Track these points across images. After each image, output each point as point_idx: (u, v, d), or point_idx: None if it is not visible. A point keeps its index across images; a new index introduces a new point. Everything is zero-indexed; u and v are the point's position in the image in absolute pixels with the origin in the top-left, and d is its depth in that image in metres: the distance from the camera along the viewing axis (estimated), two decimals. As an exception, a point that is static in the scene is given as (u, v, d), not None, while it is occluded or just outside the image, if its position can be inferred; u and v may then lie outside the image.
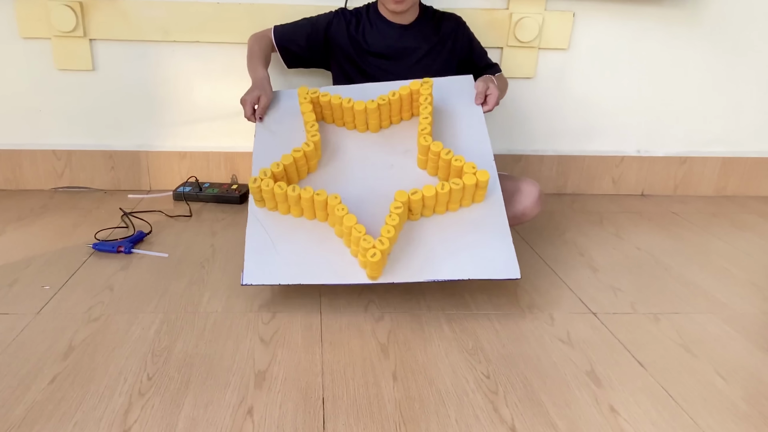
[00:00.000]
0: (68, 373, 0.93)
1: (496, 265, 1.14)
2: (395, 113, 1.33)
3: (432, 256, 1.14)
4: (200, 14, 1.68)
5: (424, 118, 1.25)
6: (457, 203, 1.19)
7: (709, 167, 1.99)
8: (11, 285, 1.21)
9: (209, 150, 1.83)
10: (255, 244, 1.17)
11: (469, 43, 1.55)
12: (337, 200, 1.12)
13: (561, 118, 1.90)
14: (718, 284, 1.33)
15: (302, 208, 1.18)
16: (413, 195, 1.13)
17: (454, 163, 1.17)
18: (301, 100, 1.31)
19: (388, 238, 1.07)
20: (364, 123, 1.32)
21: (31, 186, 1.83)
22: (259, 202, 1.21)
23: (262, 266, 1.14)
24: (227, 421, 0.83)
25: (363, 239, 1.06)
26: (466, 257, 1.14)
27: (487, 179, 1.16)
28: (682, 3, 1.80)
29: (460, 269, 1.13)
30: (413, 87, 1.28)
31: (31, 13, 1.65)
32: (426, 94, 1.28)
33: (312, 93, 1.31)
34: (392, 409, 0.87)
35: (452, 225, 1.18)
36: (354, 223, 1.08)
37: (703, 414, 0.89)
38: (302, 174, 1.25)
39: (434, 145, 1.19)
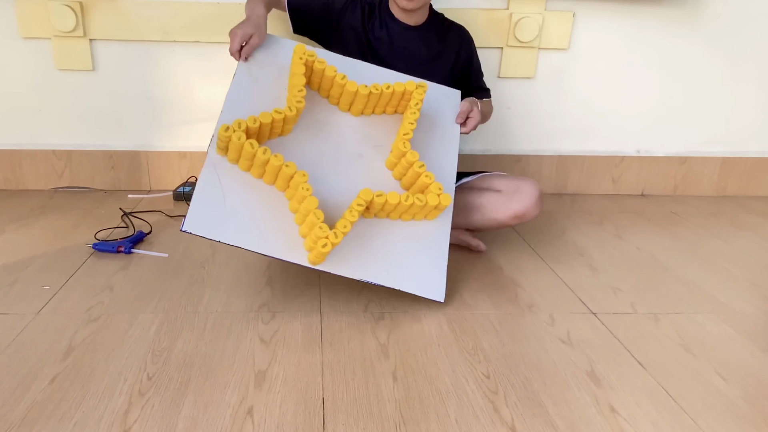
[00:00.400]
0: (68, 373, 0.93)
1: (426, 283, 1.17)
2: (381, 105, 1.30)
3: (371, 257, 1.16)
4: (200, 14, 1.68)
5: (410, 123, 1.24)
6: (410, 216, 1.21)
7: (709, 167, 1.99)
8: (11, 285, 1.21)
9: (209, 150, 1.83)
10: (205, 192, 1.11)
11: (469, 59, 1.53)
12: (304, 178, 1.09)
13: (561, 118, 1.90)
14: (718, 284, 1.33)
15: (264, 172, 1.14)
16: (378, 197, 1.13)
17: (423, 178, 1.18)
18: (295, 59, 1.21)
19: (343, 233, 1.07)
20: (348, 104, 1.29)
21: (31, 186, 1.83)
22: (221, 151, 1.15)
23: (207, 217, 1.08)
24: (227, 421, 0.83)
25: (319, 227, 1.05)
26: (401, 268, 1.17)
27: (448, 204, 1.18)
28: (682, 3, 1.80)
29: (392, 278, 1.15)
30: (408, 87, 1.27)
31: (31, 13, 1.65)
32: (418, 99, 1.27)
33: (309, 55, 1.22)
34: (392, 409, 0.87)
35: (399, 234, 1.20)
36: (314, 207, 1.07)
37: (703, 414, 0.89)
38: (273, 135, 1.20)
39: (411, 154, 1.19)
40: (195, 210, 1.08)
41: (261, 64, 1.28)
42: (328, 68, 1.23)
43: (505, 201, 1.36)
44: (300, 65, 1.21)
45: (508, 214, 1.35)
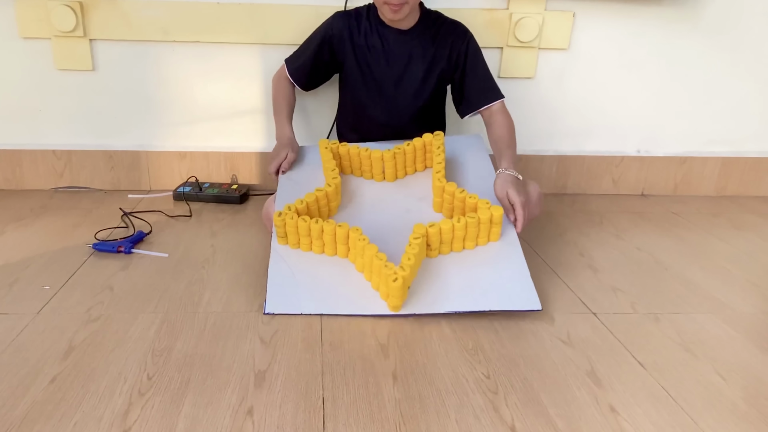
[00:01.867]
0: (68, 373, 0.93)
1: (517, 297, 1.15)
2: (410, 163, 1.43)
3: (451, 289, 1.15)
4: (200, 14, 1.68)
5: (438, 163, 1.33)
6: (473, 240, 1.22)
7: (709, 167, 1.99)
8: (11, 285, 1.21)
9: (209, 150, 1.84)
10: (277, 277, 1.18)
11: (463, 58, 1.48)
12: (358, 232, 1.16)
13: (561, 118, 1.90)
14: (718, 284, 1.33)
15: (324, 243, 1.21)
16: (431, 227, 1.17)
17: (468, 200, 1.23)
18: (321, 149, 1.41)
19: (409, 265, 1.09)
20: (381, 172, 1.41)
21: (31, 186, 1.83)
22: (281, 239, 1.24)
23: (284, 297, 1.14)
24: (227, 421, 0.83)
25: (385, 266, 1.09)
26: (485, 290, 1.16)
27: (501, 214, 1.20)
28: (682, 3, 1.80)
29: (480, 301, 1.13)
30: (426, 139, 1.40)
31: (31, 13, 1.65)
32: (438, 144, 1.38)
33: (332, 143, 1.42)
34: (392, 409, 0.87)
35: (468, 261, 1.21)
36: (375, 252, 1.11)
37: (703, 414, 0.89)
38: (323, 215, 1.29)
39: (449, 186, 1.26)
40: (272, 293, 1.15)
41: (296, 170, 1.45)
42: (351, 148, 1.41)
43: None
44: (327, 152, 1.40)
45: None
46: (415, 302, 1.13)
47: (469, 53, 1.49)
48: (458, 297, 1.14)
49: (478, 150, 1.48)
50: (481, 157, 1.46)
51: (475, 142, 1.52)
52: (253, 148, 1.84)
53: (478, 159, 1.46)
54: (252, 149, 1.84)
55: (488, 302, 1.13)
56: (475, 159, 1.46)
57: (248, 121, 1.82)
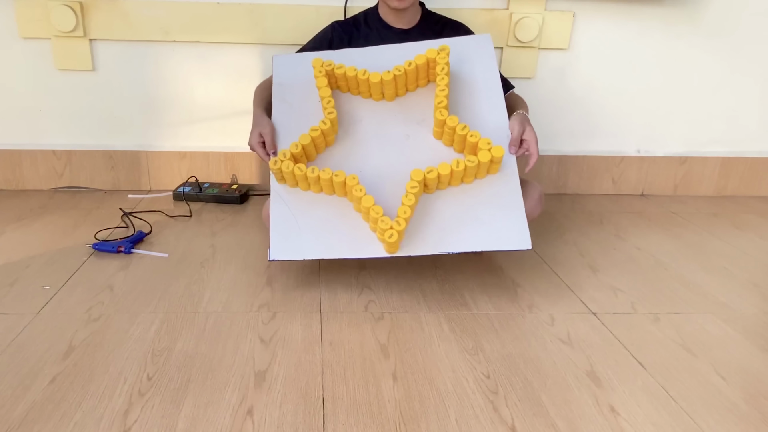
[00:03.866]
0: (68, 373, 0.93)
1: (509, 236, 1.17)
2: (411, 82, 1.31)
3: (446, 229, 1.17)
4: (200, 14, 1.68)
5: (441, 90, 1.23)
6: (471, 177, 1.21)
7: (709, 167, 1.99)
8: (11, 285, 1.21)
9: (209, 150, 1.84)
10: (279, 220, 1.19)
11: None
12: (354, 181, 1.15)
13: (561, 118, 1.90)
14: (718, 284, 1.33)
15: (321, 187, 1.21)
16: (429, 173, 1.15)
17: (469, 138, 1.18)
18: (315, 73, 1.28)
19: (405, 219, 1.10)
20: (380, 93, 1.31)
21: (31, 186, 1.83)
22: (280, 180, 1.23)
23: (286, 242, 1.17)
24: (227, 421, 0.83)
25: (381, 220, 1.10)
26: (478, 229, 1.17)
27: (502, 155, 1.17)
28: (683, 3, 1.80)
29: (473, 241, 1.15)
30: (430, 55, 1.25)
31: (31, 13, 1.65)
32: (443, 63, 1.25)
33: (327, 65, 1.28)
34: (392, 409, 0.87)
35: (466, 197, 1.20)
36: (371, 205, 1.11)
37: (703, 414, 0.89)
38: (320, 149, 1.26)
39: (450, 120, 1.19)
40: (275, 239, 1.17)
41: (290, 87, 1.34)
42: (348, 69, 1.27)
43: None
44: (322, 78, 1.27)
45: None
46: (415, 243, 1.15)
47: None
48: (453, 237, 1.16)
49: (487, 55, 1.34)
50: (489, 67, 1.33)
51: (484, 43, 1.36)
52: (253, 148, 1.84)
53: (484, 68, 1.33)
54: (252, 149, 1.84)
55: (482, 242, 1.16)
56: (480, 68, 1.33)
57: (248, 121, 1.80)
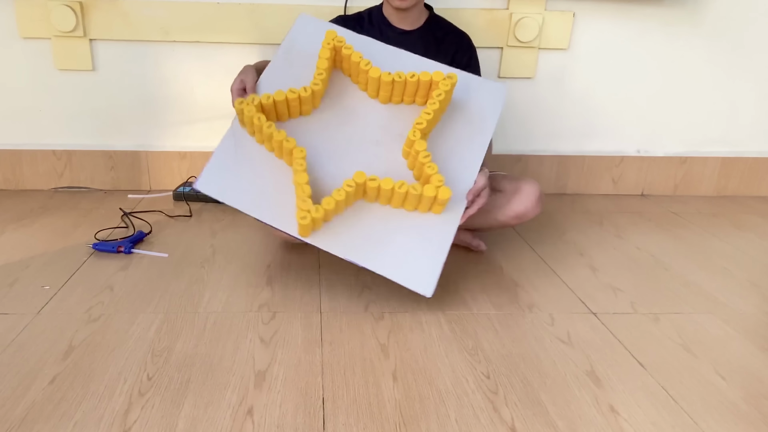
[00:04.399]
0: (68, 373, 0.93)
1: (416, 276, 1.13)
2: (409, 94, 1.27)
3: (365, 241, 1.15)
4: (200, 14, 1.68)
5: (427, 113, 1.21)
6: (412, 206, 1.18)
7: (709, 167, 1.99)
8: (11, 285, 1.21)
9: (209, 150, 1.82)
10: (220, 157, 1.19)
11: (466, 66, 1.43)
12: (301, 154, 1.13)
13: (561, 118, 1.90)
14: (718, 284, 1.33)
15: (273, 147, 1.19)
16: (371, 181, 1.13)
17: (426, 169, 1.16)
18: (324, 43, 1.25)
19: (325, 210, 1.09)
20: (376, 91, 1.27)
21: (31, 186, 1.83)
22: (241, 124, 1.22)
23: (218, 180, 1.16)
24: (227, 421, 0.83)
25: (303, 200, 1.09)
26: (392, 256, 1.14)
27: (447, 198, 1.14)
28: (683, 3, 1.80)
29: (380, 264, 1.13)
30: (435, 77, 1.22)
31: (31, 13, 1.65)
32: (442, 90, 1.21)
33: (338, 40, 1.24)
34: (392, 409, 0.87)
35: (399, 222, 1.18)
36: (304, 182, 1.09)
37: (703, 414, 0.89)
38: (293, 114, 1.24)
39: (419, 144, 1.17)
40: (209, 172, 1.17)
41: (301, 47, 1.31)
42: (354, 54, 1.23)
43: (505, 201, 1.36)
44: (327, 50, 1.23)
45: (509, 214, 1.35)
46: (327, 237, 1.13)
47: (471, 64, 1.47)
48: (366, 251, 1.14)
49: (494, 105, 1.30)
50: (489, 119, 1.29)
51: (497, 94, 1.31)
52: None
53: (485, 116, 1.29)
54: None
55: (388, 267, 1.13)
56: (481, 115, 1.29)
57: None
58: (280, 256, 1.40)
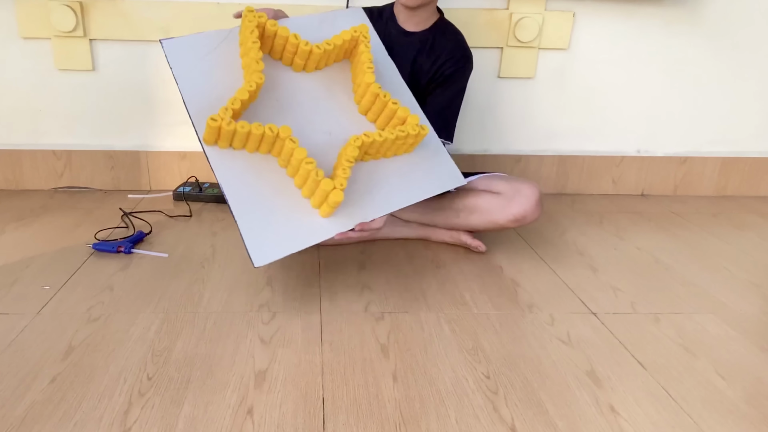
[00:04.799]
0: (68, 373, 0.93)
1: (444, 179, 1.25)
2: (333, 58, 1.26)
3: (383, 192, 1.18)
4: (200, 14, 1.68)
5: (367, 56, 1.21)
6: (393, 153, 1.23)
7: (709, 167, 1.99)
8: (11, 285, 1.21)
9: (209, 150, 1.83)
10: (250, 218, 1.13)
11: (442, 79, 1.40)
12: (287, 132, 1.09)
13: (561, 118, 1.90)
14: (718, 284, 1.33)
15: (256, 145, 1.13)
16: (366, 137, 1.13)
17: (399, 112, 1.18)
18: (245, 23, 1.15)
19: (345, 177, 1.07)
20: (303, 64, 1.23)
21: (31, 186, 1.83)
22: (208, 141, 1.12)
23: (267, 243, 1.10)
24: (227, 421, 0.83)
25: (316, 172, 1.06)
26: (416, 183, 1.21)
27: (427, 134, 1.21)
28: (682, 3, 1.80)
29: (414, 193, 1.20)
30: (354, 34, 1.23)
31: (31, 13, 1.65)
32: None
33: (260, 17, 1.15)
34: (392, 409, 0.87)
35: (388, 166, 1.22)
36: (304, 156, 1.07)
37: (703, 414, 0.89)
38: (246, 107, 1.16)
39: (375, 86, 1.19)
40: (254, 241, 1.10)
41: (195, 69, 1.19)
42: (281, 29, 1.17)
43: (504, 204, 1.36)
44: (255, 31, 1.14)
45: (508, 217, 1.35)
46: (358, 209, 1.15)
47: (453, 78, 1.41)
48: (393, 196, 1.19)
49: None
50: (379, 50, 1.31)
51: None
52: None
53: (378, 55, 1.30)
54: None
55: (422, 192, 1.21)
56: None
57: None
58: (280, 256, 1.40)
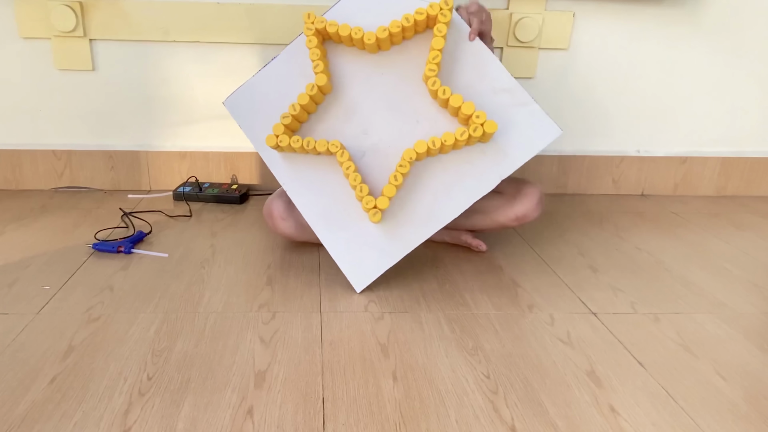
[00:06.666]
0: (68, 373, 0.93)
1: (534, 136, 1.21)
2: (408, 34, 1.20)
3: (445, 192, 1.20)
4: (200, 14, 1.68)
5: (433, 58, 1.14)
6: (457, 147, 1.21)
7: (709, 167, 1.99)
8: (11, 285, 1.21)
9: (209, 150, 1.84)
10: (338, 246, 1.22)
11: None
12: (345, 157, 1.16)
13: (561, 118, 1.90)
14: (718, 284, 1.33)
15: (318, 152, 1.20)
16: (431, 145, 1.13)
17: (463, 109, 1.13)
18: (304, 30, 1.17)
19: (389, 198, 1.13)
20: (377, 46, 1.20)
21: (31, 186, 1.83)
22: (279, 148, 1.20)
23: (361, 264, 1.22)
24: (227, 421, 0.83)
25: (365, 200, 1.13)
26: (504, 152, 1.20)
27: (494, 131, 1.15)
28: (682, 3, 1.80)
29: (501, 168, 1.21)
30: (431, 12, 1.14)
31: (31, 13, 1.65)
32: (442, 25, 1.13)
33: (318, 22, 1.16)
34: (392, 409, 0.87)
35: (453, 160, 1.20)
36: (359, 183, 1.14)
37: (703, 414, 0.89)
38: (312, 109, 1.22)
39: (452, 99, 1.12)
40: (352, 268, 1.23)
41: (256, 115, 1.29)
42: (341, 27, 1.16)
43: (506, 203, 1.37)
44: (312, 37, 1.17)
45: (510, 216, 1.36)
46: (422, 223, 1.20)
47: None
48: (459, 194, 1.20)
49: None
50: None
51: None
52: (253, 148, 1.84)
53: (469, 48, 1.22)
54: (252, 149, 1.84)
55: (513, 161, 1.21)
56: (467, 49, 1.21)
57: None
58: (280, 256, 1.40)
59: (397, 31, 1.16)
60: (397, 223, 1.21)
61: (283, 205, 1.35)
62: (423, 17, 1.14)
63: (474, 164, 1.21)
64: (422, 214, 1.21)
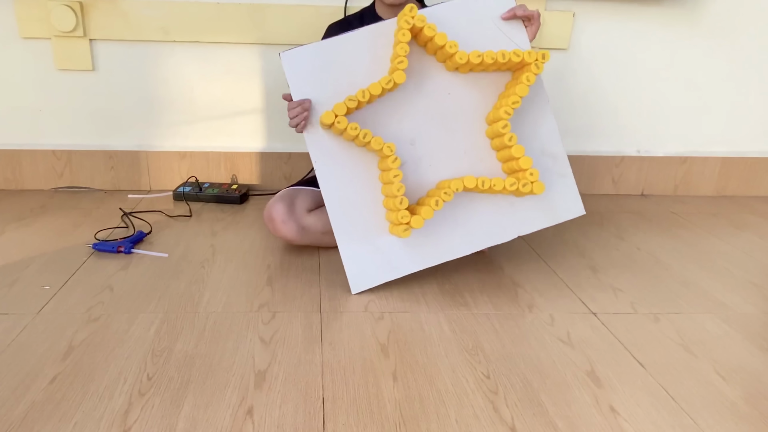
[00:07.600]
0: (68, 373, 0.93)
1: (561, 207, 1.22)
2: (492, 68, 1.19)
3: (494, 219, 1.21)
4: (200, 14, 1.68)
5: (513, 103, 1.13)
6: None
7: (709, 167, 1.99)
8: (11, 285, 1.21)
9: (209, 150, 1.84)
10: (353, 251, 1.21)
11: None
12: (396, 164, 1.12)
13: (561, 118, 1.90)
14: (718, 284, 1.33)
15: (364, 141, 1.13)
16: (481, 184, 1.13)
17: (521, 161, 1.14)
18: (401, 24, 1.09)
19: (424, 219, 1.12)
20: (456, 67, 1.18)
21: (31, 186, 1.83)
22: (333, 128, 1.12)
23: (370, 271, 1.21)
24: (227, 421, 0.83)
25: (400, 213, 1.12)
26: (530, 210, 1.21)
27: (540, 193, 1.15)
28: (682, 3, 1.80)
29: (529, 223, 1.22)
30: (527, 59, 1.13)
31: (31, 13, 1.65)
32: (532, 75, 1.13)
33: (419, 20, 1.09)
34: (392, 409, 0.87)
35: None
36: (402, 194, 1.12)
37: (703, 414, 0.89)
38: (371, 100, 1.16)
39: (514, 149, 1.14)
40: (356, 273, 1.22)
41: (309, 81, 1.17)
42: (438, 36, 1.11)
43: (506, 202, 1.36)
44: (406, 31, 1.10)
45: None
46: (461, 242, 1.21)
47: None
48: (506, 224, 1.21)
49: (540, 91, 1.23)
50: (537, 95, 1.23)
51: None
52: (253, 148, 1.84)
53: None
54: (252, 149, 1.84)
55: (536, 223, 1.21)
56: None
57: (248, 121, 1.82)
58: (280, 256, 1.40)
59: (489, 63, 1.13)
60: (414, 242, 1.21)
61: (283, 209, 1.35)
62: (519, 60, 1.13)
63: (501, 213, 1.22)
64: (439, 241, 1.21)
